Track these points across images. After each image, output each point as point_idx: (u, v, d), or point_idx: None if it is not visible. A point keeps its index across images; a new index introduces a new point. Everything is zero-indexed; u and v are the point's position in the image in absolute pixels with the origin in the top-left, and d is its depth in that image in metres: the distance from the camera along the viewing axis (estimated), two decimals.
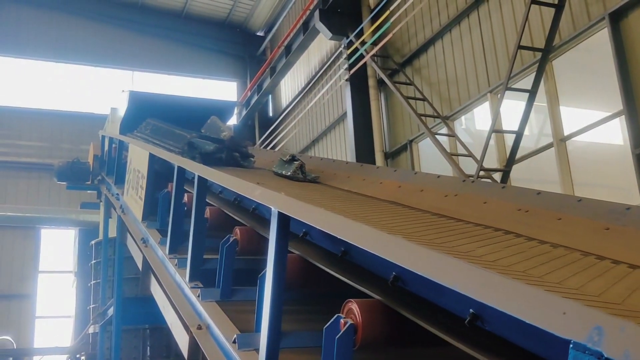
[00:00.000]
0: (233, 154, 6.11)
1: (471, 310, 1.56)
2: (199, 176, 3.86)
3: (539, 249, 2.90)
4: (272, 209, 2.51)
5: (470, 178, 6.04)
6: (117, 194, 7.27)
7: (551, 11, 7.69)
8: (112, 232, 8.35)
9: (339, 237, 2.03)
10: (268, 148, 15.65)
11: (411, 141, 11.00)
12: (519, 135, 8.01)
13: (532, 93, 7.89)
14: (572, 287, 1.90)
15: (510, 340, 1.51)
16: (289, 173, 5.44)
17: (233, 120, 18.22)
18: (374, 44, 11.25)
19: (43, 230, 16.22)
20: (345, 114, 12.87)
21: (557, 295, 1.14)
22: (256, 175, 5.47)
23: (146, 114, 8.42)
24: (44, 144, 16.63)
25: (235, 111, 17.72)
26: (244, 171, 5.76)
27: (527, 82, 8.21)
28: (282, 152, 6.05)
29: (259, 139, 17.98)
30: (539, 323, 1.11)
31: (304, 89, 16.07)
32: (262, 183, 3.44)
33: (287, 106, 17.04)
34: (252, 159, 6.33)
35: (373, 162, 11.20)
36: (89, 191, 11.57)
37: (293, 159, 5.59)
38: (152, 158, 5.46)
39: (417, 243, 1.74)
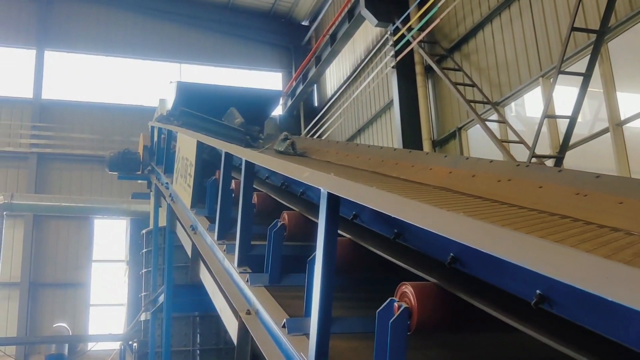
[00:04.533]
0: (245, 137, 7.49)
1: (538, 291, 1.45)
2: (246, 161, 3.84)
3: (597, 232, 2.76)
4: (322, 190, 2.45)
5: (524, 162, 5.84)
6: (167, 183, 7.37)
7: None
8: (162, 221, 8.46)
9: (395, 216, 1.94)
10: (314, 137, 15.60)
11: (460, 128, 10.78)
12: (572, 120, 7.74)
13: (587, 76, 7.62)
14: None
15: (580, 324, 1.41)
16: (282, 149, 6.68)
17: (279, 111, 18.27)
18: (421, 29, 11.04)
19: (96, 221, 16.66)
20: (391, 101, 12.72)
21: None
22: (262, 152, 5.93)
23: (194, 104, 8.51)
24: (96, 137, 17.03)
25: (281, 101, 17.73)
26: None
27: (580, 65, 7.93)
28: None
29: (304, 128, 17.96)
30: (624, 301, 1.00)
31: (349, 77, 15.95)
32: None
33: (333, 95, 16.96)
34: (260, 141, 7.73)
35: (421, 150, 11.03)
36: (139, 181, 11.80)
37: (286, 138, 6.88)
38: (200, 146, 5.49)
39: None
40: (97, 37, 17.87)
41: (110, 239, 16.82)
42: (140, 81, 18.07)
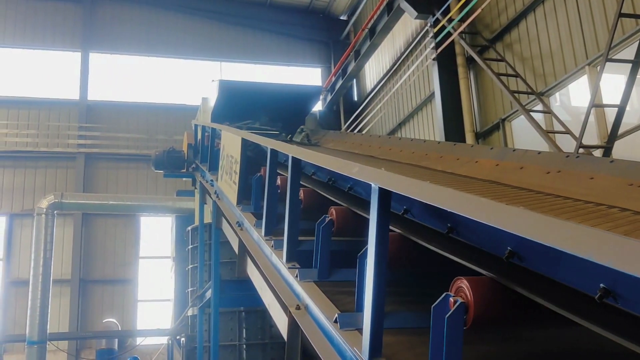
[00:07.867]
0: (270, 132, 8.06)
1: (602, 285, 1.42)
2: (292, 157, 3.86)
3: None
4: (372, 185, 2.44)
5: (574, 153, 5.72)
6: (211, 180, 7.47)
7: None
8: (208, 218, 8.59)
9: (454, 211, 1.91)
10: (355, 132, 15.55)
11: (504, 120, 10.60)
12: (621, 109, 7.53)
13: (636, 63, 7.40)
14: None
15: None
16: (299, 140, 7.52)
17: (318, 106, 18.27)
18: (462, 20, 10.88)
19: (142, 218, 17.01)
20: (432, 94, 12.59)
21: None
22: None
23: (236, 101, 8.61)
24: (141, 136, 17.37)
25: (321, 97, 17.73)
26: None
27: (629, 52, 7.70)
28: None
29: (344, 123, 17.93)
30: None
31: (389, 71, 15.85)
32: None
33: (373, 89, 16.88)
34: (283, 134, 8.29)
35: (464, 142, 10.88)
36: (184, 179, 11.99)
37: (302, 130, 7.88)
38: (245, 143, 5.54)
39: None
40: (139, 38, 18.22)
41: (156, 236, 17.14)
42: (183, 80, 18.34)
